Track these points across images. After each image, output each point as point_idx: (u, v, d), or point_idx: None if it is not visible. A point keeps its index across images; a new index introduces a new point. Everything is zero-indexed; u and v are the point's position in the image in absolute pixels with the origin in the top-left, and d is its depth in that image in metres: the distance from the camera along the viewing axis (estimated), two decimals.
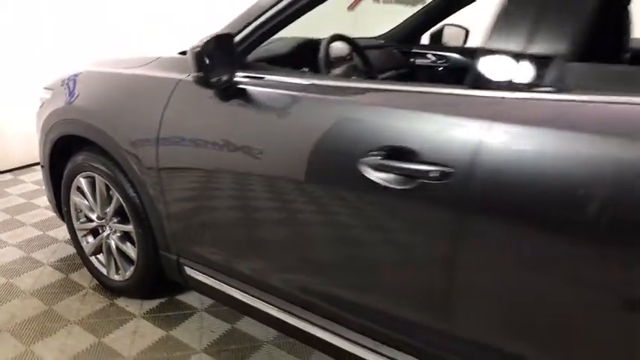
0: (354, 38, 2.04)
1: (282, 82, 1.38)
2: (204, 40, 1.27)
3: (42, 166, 2.26)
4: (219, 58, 1.32)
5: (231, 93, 1.41)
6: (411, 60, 2.68)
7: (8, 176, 3.65)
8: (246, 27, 1.43)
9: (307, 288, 1.41)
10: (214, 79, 1.32)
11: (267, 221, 1.41)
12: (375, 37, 2.74)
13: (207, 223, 1.60)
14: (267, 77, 1.41)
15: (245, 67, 1.47)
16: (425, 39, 2.76)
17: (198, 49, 1.25)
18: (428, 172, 1.03)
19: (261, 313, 1.54)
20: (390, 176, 1.09)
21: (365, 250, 1.21)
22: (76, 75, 2.04)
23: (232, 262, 1.59)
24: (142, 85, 1.71)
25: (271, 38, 1.50)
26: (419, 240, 1.12)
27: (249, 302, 1.56)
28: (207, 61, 1.26)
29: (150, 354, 1.76)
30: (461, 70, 1.74)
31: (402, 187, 1.07)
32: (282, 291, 1.47)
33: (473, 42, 2.60)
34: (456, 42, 2.64)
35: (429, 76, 2.63)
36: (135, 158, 1.69)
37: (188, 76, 1.50)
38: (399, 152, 1.08)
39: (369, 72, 1.94)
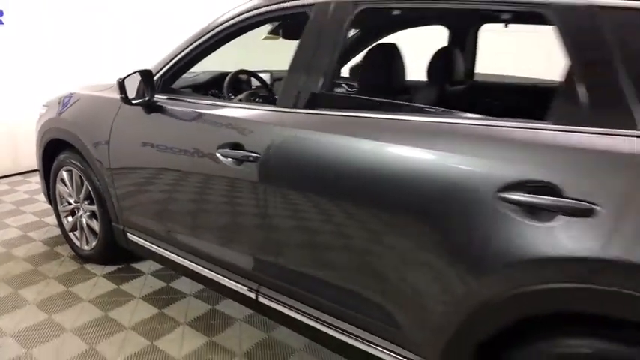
0: (263, 71, 2.72)
1: (189, 101, 2.05)
2: (128, 74, 1.96)
3: (38, 166, 2.98)
4: (142, 85, 2.01)
5: (153, 109, 2.09)
6: None
7: (19, 178, 4.42)
8: (166, 65, 2.12)
9: (209, 245, 2.03)
10: (137, 100, 2.01)
11: (182, 199, 2.05)
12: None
13: (142, 201, 2.26)
14: (180, 98, 2.09)
15: (169, 91, 2.16)
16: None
17: (120, 79, 1.95)
18: (248, 156, 1.67)
19: (178, 265, 2.18)
20: (229, 160, 1.74)
21: (235, 215, 1.84)
22: (65, 95, 2.76)
23: (158, 228, 2.24)
24: (103, 103, 2.41)
25: (199, 70, 2.19)
26: (254, 205, 1.75)
27: (172, 259, 2.19)
28: (127, 88, 1.95)
29: (104, 298, 2.42)
30: None
31: (238, 167, 1.72)
32: (193, 248, 2.10)
33: None
34: None
35: None
36: (96, 156, 2.37)
37: None
38: (236, 147, 1.72)
39: (269, 97, 2.59)
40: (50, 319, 2.24)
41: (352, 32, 1.67)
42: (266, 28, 2.66)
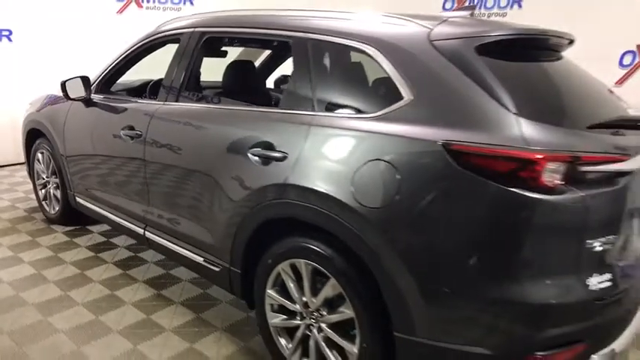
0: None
1: (114, 99, 2.88)
2: (69, 78, 2.80)
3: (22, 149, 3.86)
4: (82, 86, 2.85)
5: (90, 104, 2.93)
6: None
7: (19, 167, 5.35)
8: (102, 73, 2.96)
9: (117, 199, 2.84)
10: (77, 97, 2.85)
11: (103, 168, 2.87)
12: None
13: (81, 172, 3.09)
14: (110, 97, 2.92)
15: (105, 92, 2.99)
16: None
17: (62, 81, 2.79)
18: (136, 134, 2.47)
19: (102, 216, 2.99)
20: (127, 138, 2.54)
21: (130, 177, 2.65)
22: (45, 96, 3.63)
23: (91, 191, 3.05)
24: (63, 101, 3.26)
25: (136, 78, 3.02)
26: (134, 168, 2.54)
27: (100, 212, 3.01)
28: (67, 87, 2.79)
29: (60, 245, 3.24)
30: None
31: (130, 143, 2.52)
32: (109, 202, 2.91)
33: None
34: None
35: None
36: (56, 140, 3.22)
37: None
38: (130, 128, 2.53)
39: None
40: (16, 256, 3.08)
41: (202, 51, 2.48)
42: None
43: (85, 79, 2.89)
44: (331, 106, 1.83)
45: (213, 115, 2.23)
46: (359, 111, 1.75)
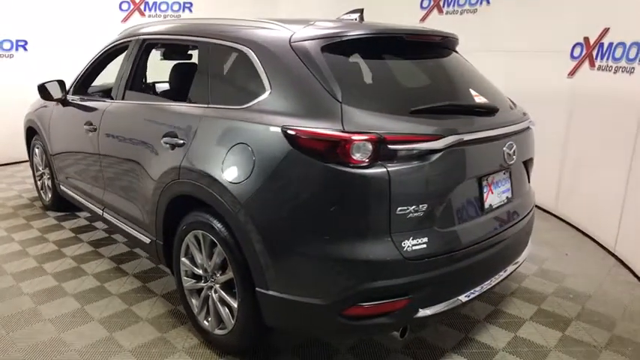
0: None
1: (86, 99, 3.32)
2: (47, 81, 3.26)
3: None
4: (59, 89, 3.30)
5: (66, 104, 3.38)
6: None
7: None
8: (78, 76, 3.41)
9: (85, 185, 3.27)
10: (54, 98, 3.30)
11: (74, 159, 3.32)
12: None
13: (62, 163, 3.56)
14: (83, 98, 3.36)
15: (82, 93, 3.44)
16: None
17: (40, 84, 3.25)
18: (93, 127, 2.89)
19: (74, 199, 3.44)
20: (88, 131, 2.96)
21: (91, 165, 3.07)
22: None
23: (71, 180, 3.51)
24: (51, 104, 3.74)
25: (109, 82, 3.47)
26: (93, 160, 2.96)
27: (73, 195, 3.47)
28: (45, 89, 3.25)
29: (50, 228, 3.72)
30: None
31: (90, 135, 2.94)
32: (80, 188, 3.36)
33: None
34: None
35: None
36: (45, 137, 3.71)
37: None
38: (89, 123, 2.94)
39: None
40: (9, 236, 3.58)
41: (144, 55, 2.86)
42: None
43: (60, 82, 3.35)
44: (218, 100, 2.16)
45: (142, 110, 2.61)
46: (235, 103, 2.07)
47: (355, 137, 1.63)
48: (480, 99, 1.99)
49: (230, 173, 1.90)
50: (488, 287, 2.10)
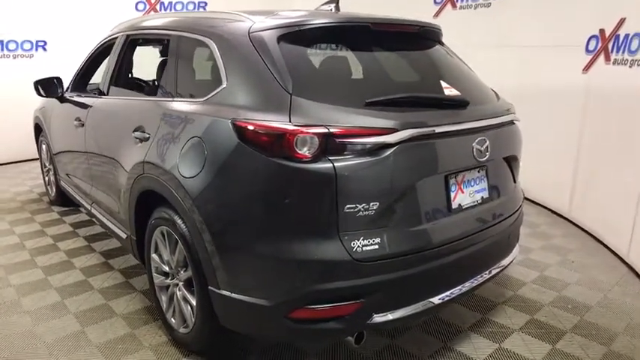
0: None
1: (81, 96, 3.36)
2: (41, 78, 3.32)
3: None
4: (56, 86, 3.36)
5: (63, 101, 3.43)
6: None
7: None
8: (75, 73, 3.46)
9: (78, 180, 3.31)
10: (53, 95, 3.36)
11: (69, 154, 3.36)
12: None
13: (60, 159, 3.61)
14: (81, 94, 3.41)
15: (79, 90, 3.49)
16: None
17: (35, 81, 3.31)
18: (81, 123, 2.91)
19: (69, 193, 3.49)
20: (77, 125, 2.99)
21: (81, 160, 3.10)
22: None
23: (68, 176, 3.56)
24: (52, 101, 3.82)
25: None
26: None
27: (68, 190, 3.52)
28: (40, 86, 3.31)
29: (51, 222, 3.81)
30: None
31: (79, 129, 2.96)
32: (74, 183, 3.40)
33: None
34: None
35: None
36: (47, 133, 3.79)
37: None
38: (78, 119, 2.97)
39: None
40: (10, 229, 3.68)
41: (130, 51, 2.86)
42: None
43: (58, 80, 3.41)
44: (183, 93, 2.12)
45: (121, 105, 2.60)
46: (196, 96, 2.02)
47: (300, 130, 1.54)
48: (450, 91, 1.86)
49: (184, 168, 1.84)
50: (467, 289, 1.96)
